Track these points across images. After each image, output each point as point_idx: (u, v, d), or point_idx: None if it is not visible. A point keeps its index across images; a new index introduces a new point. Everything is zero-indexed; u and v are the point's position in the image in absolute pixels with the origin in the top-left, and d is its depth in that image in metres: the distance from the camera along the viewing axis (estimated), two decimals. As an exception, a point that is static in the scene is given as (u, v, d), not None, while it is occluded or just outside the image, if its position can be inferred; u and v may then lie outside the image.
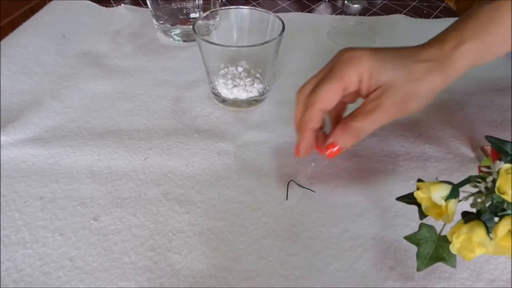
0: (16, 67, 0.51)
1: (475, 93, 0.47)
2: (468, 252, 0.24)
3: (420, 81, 0.30)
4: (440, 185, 0.25)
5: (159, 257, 0.31)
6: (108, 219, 0.33)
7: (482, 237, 0.23)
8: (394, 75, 0.30)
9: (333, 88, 0.31)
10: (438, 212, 0.26)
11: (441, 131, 0.42)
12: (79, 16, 0.63)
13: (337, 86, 0.31)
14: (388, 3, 0.71)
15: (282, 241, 0.32)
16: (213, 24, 0.47)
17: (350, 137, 0.31)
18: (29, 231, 0.32)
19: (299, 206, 0.35)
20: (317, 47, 0.57)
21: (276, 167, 0.38)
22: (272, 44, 0.40)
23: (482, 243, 0.23)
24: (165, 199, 0.35)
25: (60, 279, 0.29)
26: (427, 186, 0.26)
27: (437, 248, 0.26)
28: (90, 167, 0.38)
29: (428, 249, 0.27)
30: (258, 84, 0.44)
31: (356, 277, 0.30)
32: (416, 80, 0.30)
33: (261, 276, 0.30)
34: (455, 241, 0.24)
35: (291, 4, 0.70)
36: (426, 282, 0.29)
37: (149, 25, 0.61)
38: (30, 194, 0.35)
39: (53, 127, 0.42)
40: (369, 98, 0.31)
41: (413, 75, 0.30)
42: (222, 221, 0.33)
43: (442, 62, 0.31)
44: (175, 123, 0.43)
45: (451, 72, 0.31)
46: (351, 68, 0.31)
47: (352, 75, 0.31)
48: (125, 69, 0.51)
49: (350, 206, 0.35)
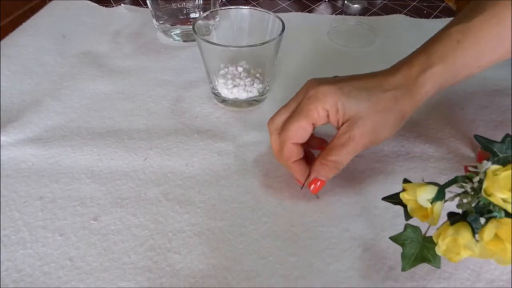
0: (16, 67, 0.51)
1: (475, 93, 0.47)
2: (454, 255, 0.23)
3: (388, 110, 0.31)
4: (426, 187, 0.25)
5: (159, 257, 0.31)
6: (108, 219, 0.33)
7: (468, 240, 0.23)
8: (360, 108, 0.31)
9: (302, 125, 0.32)
10: (424, 214, 0.26)
11: (441, 131, 0.42)
12: (79, 16, 0.63)
13: (305, 123, 0.32)
14: (388, 3, 0.71)
15: (282, 241, 0.32)
16: (213, 24, 0.47)
17: (330, 171, 0.33)
18: (29, 231, 0.32)
19: (299, 206, 0.35)
20: (317, 47, 0.57)
21: (276, 167, 0.38)
22: (272, 44, 0.40)
23: (468, 246, 0.23)
24: (165, 199, 0.35)
25: (60, 279, 0.29)
26: (413, 188, 0.26)
27: (422, 249, 0.26)
28: (90, 167, 0.38)
29: (413, 249, 0.27)
30: (258, 84, 0.44)
31: (356, 277, 0.30)
32: (384, 111, 0.31)
33: (261, 276, 0.30)
34: (440, 243, 0.24)
35: (291, 4, 0.70)
36: (426, 282, 0.29)
37: (149, 25, 0.61)
38: (30, 194, 0.35)
39: (53, 127, 0.42)
40: (341, 131, 0.32)
41: (380, 105, 0.31)
42: (222, 221, 0.33)
43: (410, 88, 0.31)
44: (175, 123, 0.43)
45: (419, 97, 0.32)
46: (317, 105, 0.32)
47: (319, 111, 0.32)
48: (125, 69, 0.51)
49: (350, 206, 0.35)
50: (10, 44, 0.55)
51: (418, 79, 0.31)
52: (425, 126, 0.43)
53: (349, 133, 0.31)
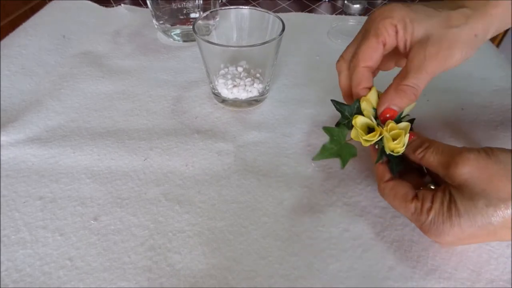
0: (16, 67, 0.51)
1: (475, 93, 0.47)
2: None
3: (460, 27, 0.29)
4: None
5: (159, 257, 0.31)
6: (108, 219, 0.33)
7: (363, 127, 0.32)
8: (430, 25, 0.30)
9: (372, 45, 0.31)
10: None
11: (441, 131, 0.42)
12: (79, 16, 0.63)
13: (375, 42, 0.31)
14: (388, 3, 0.71)
15: (282, 241, 0.32)
16: (213, 24, 0.47)
17: (406, 97, 0.30)
18: (29, 231, 0.32)
19: (299, 206, 0.35)
20: (317, 47, 0.57)
21: (276, 167, 0.38)
22: (272, 44, 0.40)
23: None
24: (165, 199, 0.35)
25: (60, 279, 0.29)
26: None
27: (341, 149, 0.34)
28: (90, 167, 0.38)
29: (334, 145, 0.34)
30: (258, 84, 0.44)
31: (356, 277, 0.30)
32: (456, 26, 0.29)
33: (261, 276, 0.30)
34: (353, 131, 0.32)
35: (291, 4, 0.70)
36: (426, 282, 0.29)
37: (149, 25, 0.61)
38: (30, 194, 0.35)
39: (53, 127, 0.42)
40: (413, 53, 0.30)
41: (452, 22, 0.29)
42: (222, 221, 0.33)
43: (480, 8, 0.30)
44: (175, 123, 0.43)
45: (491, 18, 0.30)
46: (385, 22, 0.30)
47: (387, 28, 0.30)
48: (125, 69, 0.51)
49: (350, 206, 0.35)
50: (10, 44, 0.55)
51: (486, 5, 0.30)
52: (425, 126, 0.43)
53: (424, 52, 0.29)
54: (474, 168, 0.26)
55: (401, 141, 0.30)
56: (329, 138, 0.34)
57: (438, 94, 0.46)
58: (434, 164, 0.28)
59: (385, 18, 0.31)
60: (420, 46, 0.30)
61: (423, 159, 0.29)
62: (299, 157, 0.39)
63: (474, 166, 0.26)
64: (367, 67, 0.32)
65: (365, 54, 0.31)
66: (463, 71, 0.50)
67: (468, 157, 0.26)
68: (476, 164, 0.26)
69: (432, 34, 0.30)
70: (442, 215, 0.27)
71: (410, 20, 0.30)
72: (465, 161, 0.26)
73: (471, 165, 0.26)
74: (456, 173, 0.26)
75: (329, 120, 0.44)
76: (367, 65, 0.32)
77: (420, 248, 0.31)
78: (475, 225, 0.26)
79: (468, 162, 0.26)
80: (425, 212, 0.27)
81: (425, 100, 0.45)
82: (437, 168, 0.28)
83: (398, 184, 0.30)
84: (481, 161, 0.26)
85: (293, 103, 0.46)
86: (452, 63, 0.30)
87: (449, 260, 0.30)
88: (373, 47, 0.31)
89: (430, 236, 0.28)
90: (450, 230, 0.26)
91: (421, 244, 0.32)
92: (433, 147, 0.29)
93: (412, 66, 0.30)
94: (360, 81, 0.32)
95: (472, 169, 0.26)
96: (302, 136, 0.42)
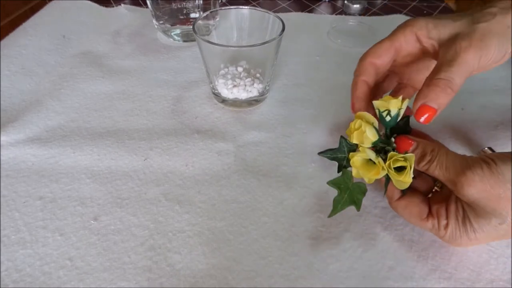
0: (16, 67, 0.51)
1: (475, 93, 0.47)
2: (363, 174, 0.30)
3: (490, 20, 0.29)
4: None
5: (159, 257, 0.31)
6: (108, 219, 0.33)
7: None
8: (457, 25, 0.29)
9: (385, 46, 0.32)
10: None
11: (441, 131, 0.42)
12: (79, 16, 0.63)
13: (389, 44, 0.32)
14: (388, 3, 0.71)
15: (282, 241, 0.32)
16: (213, 24, 0.47)
17: (441, 92, 0.28)
18: (29, 231, 0.32)
19: (299, 206, 0.35)
20: (317, 47, 0.57)
21: (276, 167, 0.38)
22: (272, 44, 0.40)
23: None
24: (165, 199, 0.35)
25: (60, 279, 0.29)
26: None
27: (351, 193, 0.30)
28: (90, 167, 0.38)
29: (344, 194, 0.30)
30: (258, 84, 0.44)
31: (356, 277, 0.30)
32: (485, 21, 0.29)
33: (261, 276, 0.30)
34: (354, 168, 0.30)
35: (291, 4, 0.70)
36: (426, 282, 0.29)
37: (149, 25, 0.61)
38: (30, 194, 0.35)
39: (53, 127, 0.42)
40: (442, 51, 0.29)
41: (478, 19, 0.29)
42: (222, 221, 0.33)
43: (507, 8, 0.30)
44: (175, 123, 0.43)
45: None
46: (405, 29, 0.31)
47: (406, 34, 0.31)
48: (125, 69, 0.51)
49: (350, 206, 0.35)
50: (10, 44, 0.55)
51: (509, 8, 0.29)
52: (425, 126, 0.43)
53: (455, 46, 0.28)
54: (481, 190, 0.25)
55: (407, 175, 0.28)
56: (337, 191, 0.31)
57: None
58: (440, 178, 0.28)
59: (405, 26, 0.31)
60: (449, 42, 0.29)
61: (428, 171, 0.29)
62: (299, 157, 0.39)
63: (481, 188, 0.25)
64: (373, 63, 0.32)
65: (374, 50, 0.32)
66: (463, 71, 0.50)
67: (473, 178, 0.25)
68: (481, 186, 0.25)
69: (460, 31, 0.29)
70: (459, 230, 0.27)
71: (434, 26, 0.30)
72: (470, 183, 0.25)
73: (477, 187, 0.25)
74: (464, 194, 0.26)
75: (329, 120, 0.44)
76: (373, 60, 0.32)
77: (420, 248, 0.31)
78: (490, 237, 0.27)
79: (474, 184, 0.25)
80: (443, 228, 0.28)
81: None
82: (444, 182, 0.28)
83: (409, 203, 0.30)
84: (486, 182, 0.25)
85: (293, 103, 0.46)
86: (489, 55, 0.28)
87: (449, 260, 0.30)
88: (384, 48, 0.32)
89: (450, 244, 0.29)
90: (468, 242, 0.28)
91: (421, 244, 0.32)
92: (435, 161, 0.28)
93: (444, 60, 0.29)
94: (362, 72, 0.32)
95: (479, 191, 0.25)
96: (302, 136, 0.42)
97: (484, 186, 0.25)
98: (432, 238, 0.32)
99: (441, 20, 0.30)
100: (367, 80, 0.33)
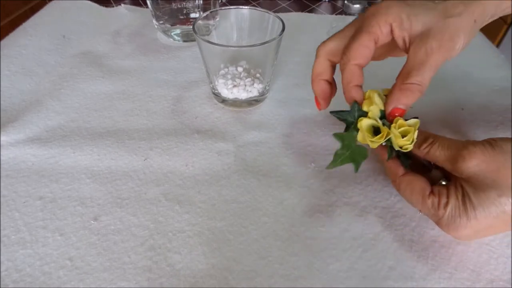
0: (16, 67, 0.51)
1: (475, 93, 0.47)
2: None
3: (459, 15, 0.29)
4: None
5: (159, 257, 0.31)
6: (108, 219, 0.33)
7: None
8: (429, 18, 0.29)
9: (364, 43, 0.31)
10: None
11: (441, 131, 0.42)
12: (79, 16, 0.63)
13: (367, 39, 0.31)
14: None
15: (282, 241, 0.32)
16: (213, 24, 0.47)
17: (412, 95, 0.30)
18: (29, 231, 0.32)
19: (299, 206, 0.35)
20: (317, 47, 0.57)
21: (276, 167, 0.38)
22: (272, 44, 0.40)
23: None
24: (165, 199, 0.35)
25: (60, 279, 0.29)
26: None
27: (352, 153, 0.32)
28: (90, 167, 0.38)
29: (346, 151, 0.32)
30: (258, 84, 0.44)
31: (356, 277, 0.30)
32: (456, 15, 0.29)
33: (261, 276, 0.30)
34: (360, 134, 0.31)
35: (291, 4, 0.70)
36: (426, 282, 0.29)
37: (149, 25, 0.61)
38: (30, 194, 0.35)
39: (53, 127, 0.42)
40: (413, 49, 0.30)
41: (450, 11, 0.29)
42: (222, 221, 0.33)
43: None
44: (175, 123, 0.43)
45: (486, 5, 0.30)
46: (379, 19, 0.30)
47: (381, 25, 0.30)
48: (125, 69, 0.51)
49: (350, 206, 0.35)
50: (10, 44, 0.55)
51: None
52: (425, 126, 0.43)
53: (425, 46, 0.29)
54: (481, 161, 0.26)
55: (410, 137, 0.29)
56: (340, 144, 0.32)
57: (438, 94, 0.46)
58: (440, 159, 0.29)
59: (379, 15, 0.30)
60: (420, 41, 0.29)
61: (428, 154, 0.29)
62: (299, 157, 0.39)
63: (481, 159, 0.26)
64: (358, 64, 0.31)
65: (356, 52, 0.31)
66: (463, 71, 0.50)
67: (474, 150, 0.27)
68: (482, 157, 0.26)
69: (431, 27, 0.29)
70: (459, 208, 0.27)
71: (407, 16, 0.30)
72: (471, 155, 0.27)
73: (477, 158, 0.26)
74: (464, 167, 0.27)
75: (329, 120, 0.44)
76: (357, 62, 0.31)
77: (420, 248, 0.31)
78: (490, 216, 0.26)
79: (475, 155, 0.27)
80: (442, 207, 0.28)
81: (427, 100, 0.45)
82: (443, 163, 0.29)
83: (414, 179, 0.30)
84: (486, 154, 0.26)
85: (293, 103, 0.46)
86: (454, 54, 0.30)
87: (449, 260, 0.30)
88: (364, 45, 0.31)
89: (448, 230, 0.28)
90: (467, 223, 0.27)
91: (421, 244, 0.32)
92: (438, 142, 0.29)
93: (414, 62, 0.29)
94: (351, 79, 0.32)
95: (479, 162, 0.26)
96: (302, 136, 0.42)
97: (484, 157, 0.26)
98: (432, 238, 0.32)
99: (414, 9, 0.30)
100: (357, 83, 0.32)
